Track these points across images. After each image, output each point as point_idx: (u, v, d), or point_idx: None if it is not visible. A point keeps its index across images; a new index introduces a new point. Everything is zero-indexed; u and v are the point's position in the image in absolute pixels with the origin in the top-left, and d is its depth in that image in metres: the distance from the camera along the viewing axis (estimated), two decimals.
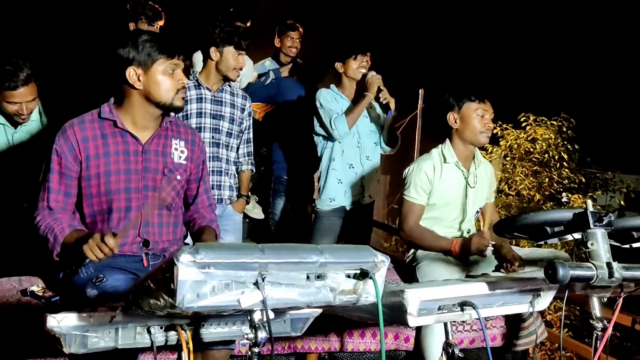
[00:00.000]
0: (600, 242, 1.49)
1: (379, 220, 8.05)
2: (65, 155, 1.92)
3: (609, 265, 1.45)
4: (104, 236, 1.69)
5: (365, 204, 3.31)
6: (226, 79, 2.89)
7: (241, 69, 2.88)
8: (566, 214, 1.58)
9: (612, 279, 1.44)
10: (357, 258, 1.30)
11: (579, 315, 6.43)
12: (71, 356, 1.37)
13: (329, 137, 3.17)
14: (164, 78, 1.93)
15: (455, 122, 2.68)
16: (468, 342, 2.65)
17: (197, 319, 1.47)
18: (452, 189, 2.68)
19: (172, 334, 1.44)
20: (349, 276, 1.30)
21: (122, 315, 1.34)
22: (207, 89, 2.87)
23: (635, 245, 1.78)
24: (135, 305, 1.25)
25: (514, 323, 2.64)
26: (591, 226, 1.50)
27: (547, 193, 8.39)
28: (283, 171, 3.75)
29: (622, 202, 8.98)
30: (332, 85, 3.28)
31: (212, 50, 2.82)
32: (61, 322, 1.27)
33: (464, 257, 2.58)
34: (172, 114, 2.07)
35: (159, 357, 2.05)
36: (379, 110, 3.33)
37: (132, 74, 1.92)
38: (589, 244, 1.50)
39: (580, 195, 7.96)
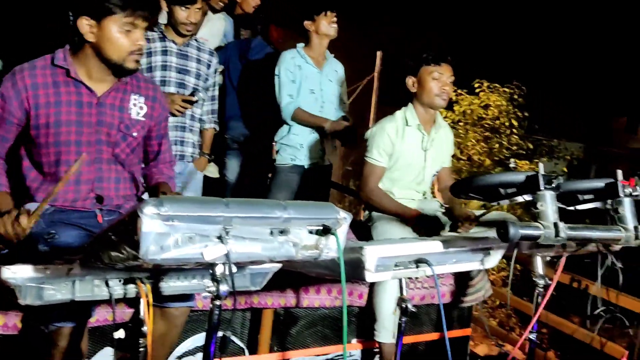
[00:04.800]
0: (548, 204, 1.57)
1: (334, 180, 8.09)
2: (10, 100, 1.83)
3: (555, 225, 1.53)
4: (19, 215, 1.64)
5: (324, 166, 3.34)
6: (179, 33, 2.78)
7: (193, 23, 2.74)
8: (519, 177, 1.65)
9: (558, 238, 1.52)
10: (320, 214, 1.32)
11: (519, 274, 6.74)
12: (26, 307, 1.35)
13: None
14: (118, 36, 1.79)
15: (413, 85, 2.72)
16: (419, 299, 2.76)
17: (157, 273, 1.47)
18: (412, 151, 2.73)
19: (131, 287, 1.44)
20: (311, 232, 1.32)
21: (80, 268, 1.32)
22: (173, 41, 2.79)
23: (579, 207, 1.88)
24: (94, 258, 1.23)
25: (462, 280, 2.76)
26: (541, 188, 1.58)
27: (496, 158, 8.64)
28: (237, 131, 3.54)
29: (564, 169, 9.36)
30: (299, 46, 3.18)
31: (163, 4, 2.78)
32: (16, 273, 1.24)
33: (418, 225, 2.64)
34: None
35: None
36: (340, 72, 3.32)
37: (84, 24, 1.78)
38: (538, 205, 1.58)
39: (527, 162, 8.24)
